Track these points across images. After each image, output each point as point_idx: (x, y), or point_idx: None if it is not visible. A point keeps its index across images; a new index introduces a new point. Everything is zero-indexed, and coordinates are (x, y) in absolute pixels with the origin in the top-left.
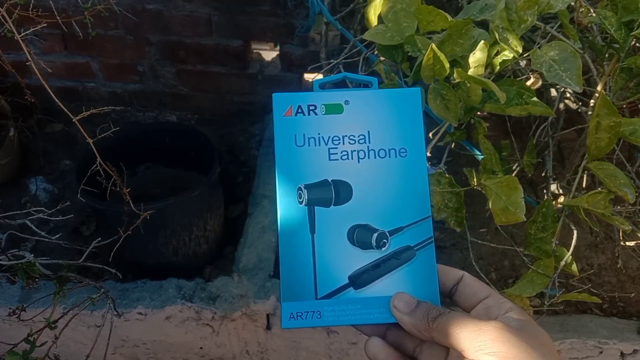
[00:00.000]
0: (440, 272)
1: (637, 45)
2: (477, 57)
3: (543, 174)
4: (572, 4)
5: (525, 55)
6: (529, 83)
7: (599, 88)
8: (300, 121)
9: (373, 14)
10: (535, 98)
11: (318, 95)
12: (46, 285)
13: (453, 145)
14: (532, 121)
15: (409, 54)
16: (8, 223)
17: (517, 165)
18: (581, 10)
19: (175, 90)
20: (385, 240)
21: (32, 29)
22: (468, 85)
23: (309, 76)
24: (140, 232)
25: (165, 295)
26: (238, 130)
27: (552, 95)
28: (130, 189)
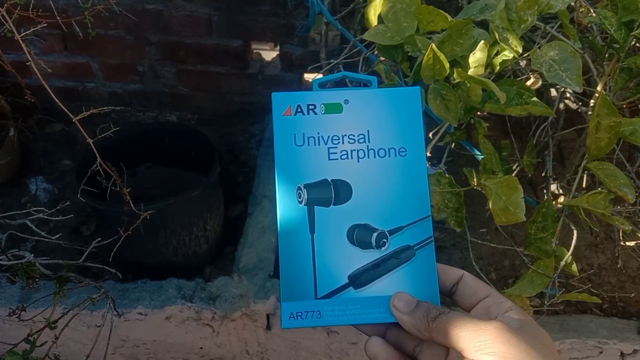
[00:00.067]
0: (440, 272)
1: (637, 45)
2: (477, 57)
3: (543, 174)
4: (572, 4)
5: (525, 55)
6: (529, 83)
7: (599, 88)
8: (299, 120)
9: (373, 14)
10: (535, 98)
11: (317, 94)
12: (46, 285)
13: (453, 145)
14: (532, 121)
15: (409, 54)
16: (8, 223)
17: (517, 165)
18: (581, 10)
19: (175, 90)
20: (385, 239)
21: (32, 29)
22: (468, 85)
23: (309, 76)
24: (140, 232)
25: (165, 295)
26: (238, 130)
27: (552, 95)
28: (130, 189)
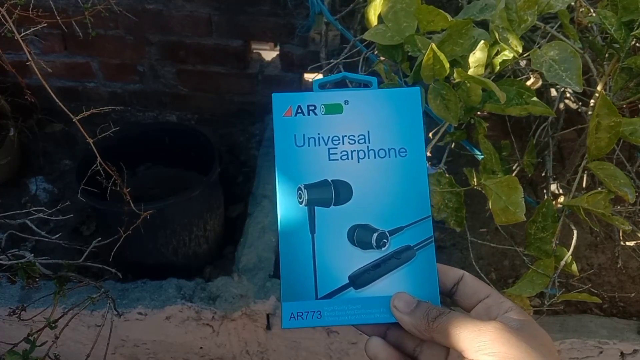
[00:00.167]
0: (440, 272)
1: (637, 45)
2: (477, 57)
3: (543, 174)
4: (572, 4)
5: (525, 55)
6: (529, 83)
7: (599, 88)
8: (300, 121)
9: (373, 14)
10: (535, 98)
11: (318, 95)
12: (46, 285)
13: (453, 145)
14: (532, 121)
15: (409, 54)
16: (8, 223)
17: (517, 165)
18: (581, 10)
19: (175, 90)
20: (385, 240)
21: (32, 29)
22: (468, 85)
23: (309, 76)
24: (140, 232)
25: (165, 295)
26: (238, 130)
27: (552, 95)
28: (130, 189)
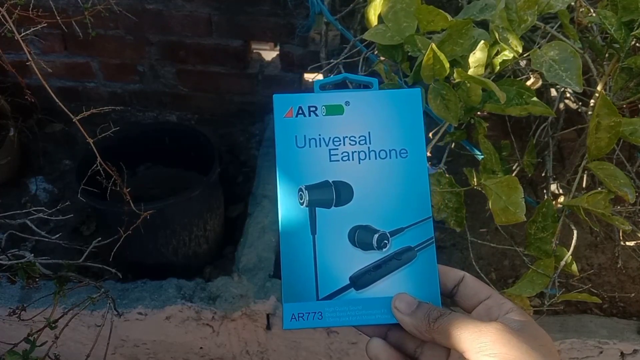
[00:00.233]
0: (441, 273)
1: (637, 45)
2: (477, 57)
3: (543, 174)
4: (572, 4)
5: (525, 55)
6: (529, 83)
7: (599, 88)
8: (301, 122)
9: (373, 14)
10: (535, 98)
11: (318, 96)
12: (46, 285)
13: (453, 145)
14: (532, 121)
15: (409, 54)
16: (8, 223)
17: (517, 165)
18: (581, 10)
19: (175, 90)
20: (386, 241)
21: (32, 29)
22: (468, 85)
23: (309, 76)
24: (140, 232)
25: (165, 295)
26: (238, 130)
27: (552, 95)
28: (130, 189)
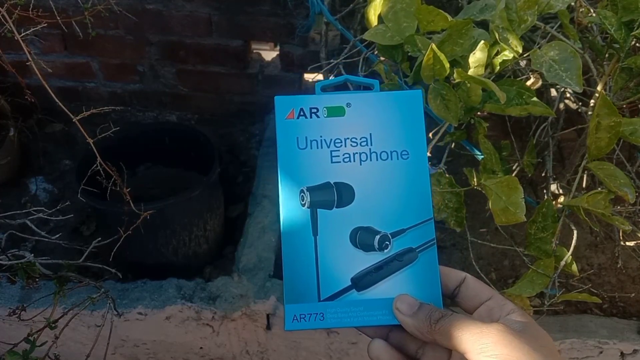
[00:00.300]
0: (442, 274)
1: (637, 45)
2: (477, 57)
3: (543, 174)
4: (572, 4)
5: (525, 55)
6: (529, 83)
7: (599, 88)
8: (302, 124)
9: (373, 14)
10: (535, 98)
11: (320, 97)
12: (46, 285)
13: (453, 145)
14: (532, 121)
15: (409, 54)
16: (8, 223)
17: (517, 165)
18: (581, 10)
19: (175, 90)
20: (387, 242)
21: (32, 29)
22: (468, 85)
23: (309, 76)
24: (140, 232)
25: (165, 295)
26: (238, 130)
27: (552, 95)
28: (130, 189)
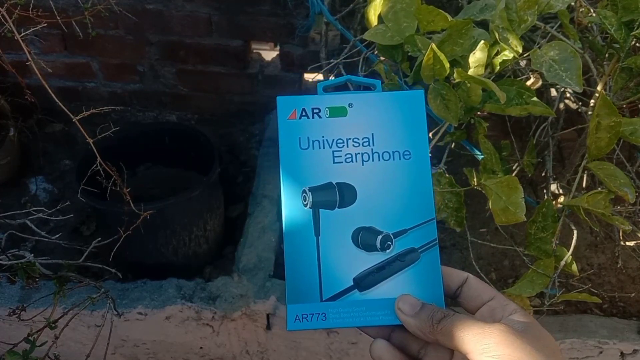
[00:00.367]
0: (444, 274)
1: (637, 45)
2: (477, 57)
3: (543, 174)
4: (572, 4)
5: (525, 55)
6: (529, 83)
7: (599, 88)
8: (304, 124)
9: (373, 14)
10: (535, 98)
11: (322, 98)
12: (46, 285)
13: (453, 145)
14: (532, 121)
15: (409, 54)
16: (8, 223)
17: (517, 165)
18: (581, 10)
19: (175, 90)
20: (389, 242)
21: (32, 29)
22: (468, 85)
23: (309, 76)
24: (140, 232)
25: (165, 295)
26: (238, 130)
27: (552, 95)
28: (130, 189)
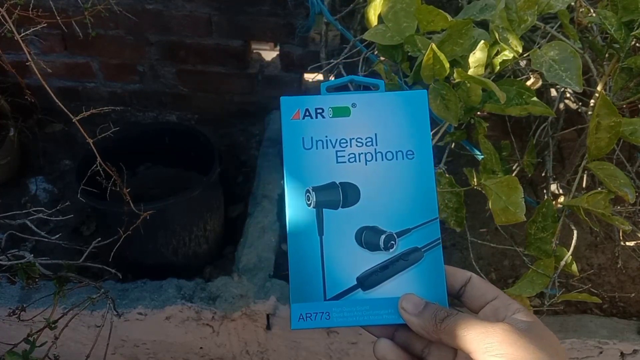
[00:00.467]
0: (447, 273)
1: (637, 45)
2: (477, 57)
3: (543, 174)
4: (572, 4)
5: (525, 55)
6: (529, 83)
7: (599, 88)
8: (307, 124)
9: (373, 14)
10: (535, 98)
11: (325, 98)
12: (46, 285)
13: (453, 145)
14: (532, 121)
15: (409, 54)
16: (8, 223)
17: (517, 165)
18: (581, 10)
19: (175, 90)
20: (393, 241)
21: (32, 29)
22: (468, 85)
23: (309, 76)
24: (140, 232)
25: (165, 295)
26: (238, 130)
27: (552, 95)
28: (130, 189)
